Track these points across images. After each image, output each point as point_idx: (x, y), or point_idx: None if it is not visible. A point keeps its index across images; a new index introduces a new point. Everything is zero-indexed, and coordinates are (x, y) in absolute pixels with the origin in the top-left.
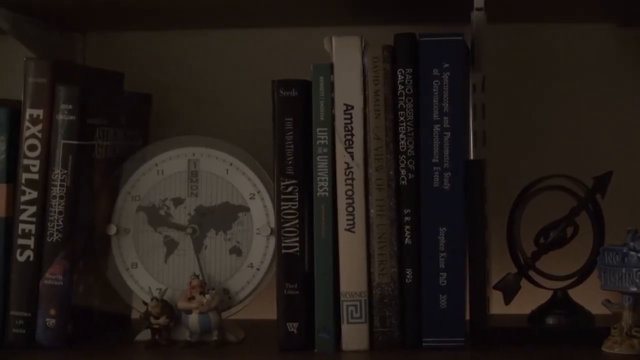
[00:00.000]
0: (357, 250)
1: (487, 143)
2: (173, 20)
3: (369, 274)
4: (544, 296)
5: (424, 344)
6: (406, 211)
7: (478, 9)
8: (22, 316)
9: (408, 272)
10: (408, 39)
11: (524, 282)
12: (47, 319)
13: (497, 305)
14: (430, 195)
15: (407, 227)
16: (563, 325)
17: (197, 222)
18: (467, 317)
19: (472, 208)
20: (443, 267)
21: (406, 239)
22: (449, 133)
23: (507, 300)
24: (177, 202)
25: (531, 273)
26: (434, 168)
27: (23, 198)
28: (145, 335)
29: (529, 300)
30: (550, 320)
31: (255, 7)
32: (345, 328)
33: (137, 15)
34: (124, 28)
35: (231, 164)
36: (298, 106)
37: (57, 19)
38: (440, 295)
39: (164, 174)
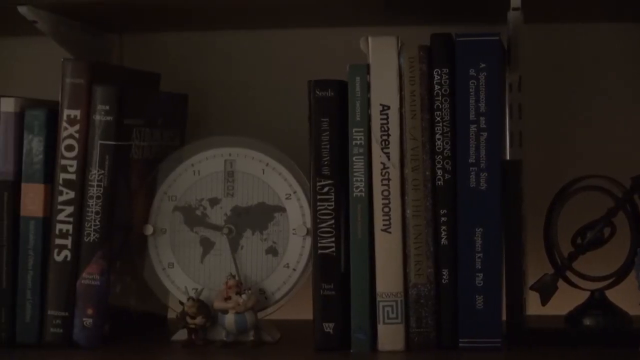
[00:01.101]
0: (393, 251)
1: (523, 143)
2: (209, 21)
3: (405, 274)
4: (580, 297)
5: (460, 344)
6: (442, 211)
7: (515, 9)
8: (60, 316)
9: (444, 273)
10: (444, 39)
11: (560, 283)
12: (84, 319)
13: (533, 306)
14: (466, 195)
15: (444, 227)
16: (600, 326)
17: (233, 222)
18: (504, 317)
19: (509, 208)
20: (479, 267)
21: (442, 240)
22: (486, 133)
23: (544, 301)
24: (214, 202)
25: (568, 274)
26: (471, 168)
27: (60, 198)
28: (181, 335)
29: (565, 301)
30: (587, 322)
31: (291, 8)
32: (381, 328)
33: (173, 16)
34: (160, 29)
35: (267, 164)
36: (334, 106)
37: (95, 21)
38: (477, 296)
39: (200, 174)
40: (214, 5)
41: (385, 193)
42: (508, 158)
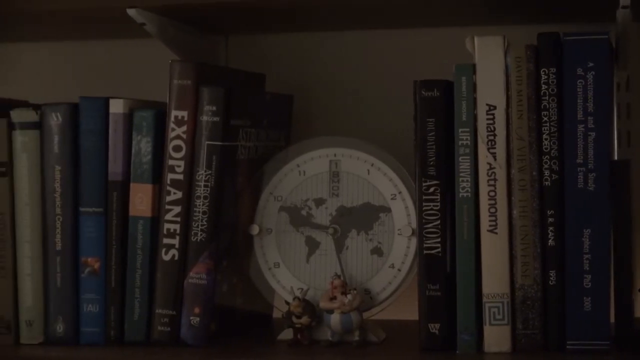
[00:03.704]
0: (500, 252)
1: (631, 143)
2: (313, 22)
3: (512, 275)
4: None
5: (567, 346)
6: (549, 212)
7: (624, 7)
8: (167, 314)
9: (551, 274)
10: (552, 39)
11: None
12: (191, 317)
13: None
14: (574, 196)
15: (551, 228)
16: None
17: (339, 223)
18: (612, 320)
19: (617, 209)
20: (587, 269)
21: (549, 241)
22: (594, 133)
23: None
24: (319, 202)
25: None
26: (578, 169)
27: (168, 198)
28: (287, 334)
29: None
30: None
31: (396, 8)
32: (487, 329)
33: (278, 18)
34: (265, 30)
35: (372, 165)
36: (440, 106)
37: (201, 22)
38: (585, 298)
39: (305, 174)
40: (319, 6)
41: (492, 193)
42: (616, 158)
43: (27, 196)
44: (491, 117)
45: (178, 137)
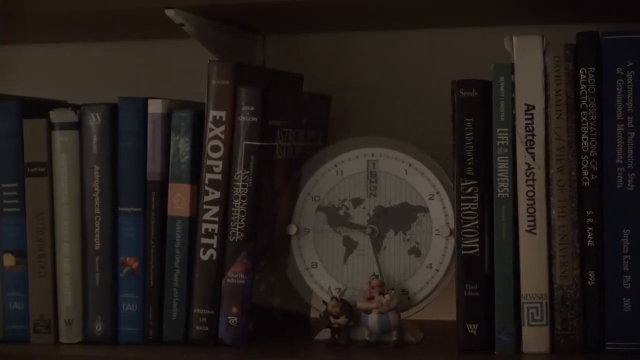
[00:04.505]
0: (538, 252)
1: None
2: (351, 21)
3: (550, 275)
4: None
5: (606, 347)
6: (588, 212)
7: None
8: (205, 314)
9: (590, 275)
10: (591, 38)
11: None
12: (229, 317)
13: None
14: (613, 196)
15: (590, 228)
16: None
17: (376, 223)
18: None
19: None
20: (627, 269)
21: (588, 241)
22: (633, 133)
23: None
24: (356, 202)
25: None
26: (618, 169)
27: (206, 198)
28: (324, 334)
29: None
30: None
31: (434, 8)
32: (525, 330)
33: (315, 18)
34: (302, 30)
35: (410, 165)
36: (478, 106)
37: (239, 23)
38: (624, 299)
39: (343, 174)
40: (357, 6)
41: (530, 194)
42: None
43: (66, 196)
44: (530, 117)
45: (216, 137)
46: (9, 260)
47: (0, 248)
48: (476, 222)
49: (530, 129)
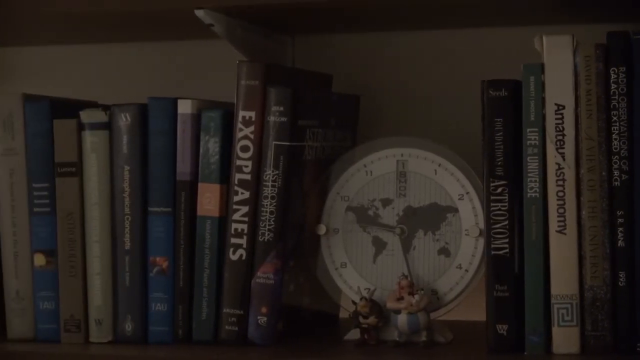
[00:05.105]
0: (568, 252)
1: None
2: (380, 21)
3: (581, 276)
4: None
5: (637, 348)
6: (619, 213)
7: None
8: (235, 314)
9: (621, 275)
10: (621, 37)
11: None
12: (258, 317)
13: None
14: None
15: (620, 229)
16: None
17: (405, 223)
18: None
19: None
20: None
21: (619, 241)
22: None
23: None
24: (386, 202)
25: None
26: None
27: (236, 198)
28: (354, 334)
29: None
30: None
31: (464, 8)
32: (556, 331)
33: (344, 18)
34: (331, 30)
35: (439, 165)
36: (508, 106)
37: (268, 23)
38: None
39: (372, 174)
40: (386, 6)
41: (560, 194)
42: None
43: (97, 196)
44: (560, 116)
45: (245, 137)
46: (39, 259)
47: (31, 248)
48: (506, 222)
49: (561, 128)
